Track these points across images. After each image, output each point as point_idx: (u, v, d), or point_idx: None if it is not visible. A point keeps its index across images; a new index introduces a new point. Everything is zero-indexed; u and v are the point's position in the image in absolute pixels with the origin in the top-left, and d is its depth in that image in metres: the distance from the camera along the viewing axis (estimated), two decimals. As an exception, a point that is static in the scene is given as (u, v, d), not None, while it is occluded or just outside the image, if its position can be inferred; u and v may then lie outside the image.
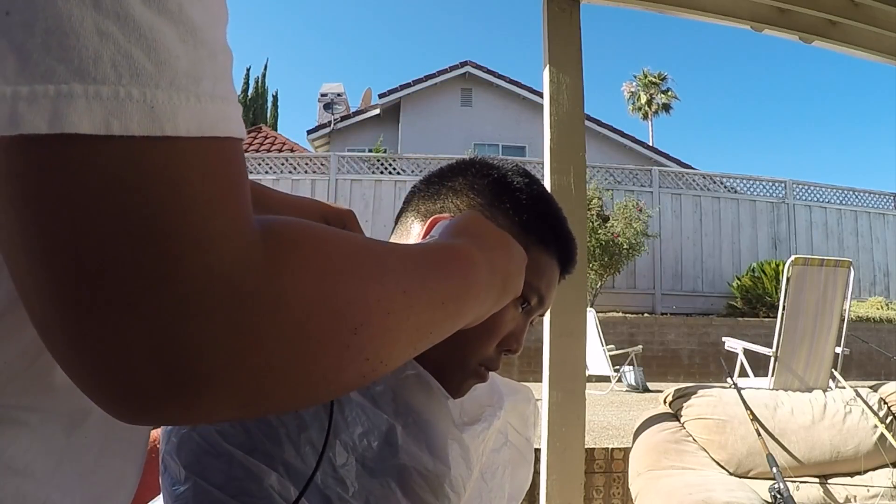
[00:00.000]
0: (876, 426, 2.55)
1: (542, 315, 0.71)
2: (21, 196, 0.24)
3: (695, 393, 2.59)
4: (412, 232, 0.67)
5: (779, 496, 2.11)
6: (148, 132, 0.24)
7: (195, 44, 0.26)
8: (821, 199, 10.77)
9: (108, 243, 0.24)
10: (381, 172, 10.38)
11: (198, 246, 0.25)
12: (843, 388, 2.88)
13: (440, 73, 15.17)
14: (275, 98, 23.35)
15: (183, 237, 0.25)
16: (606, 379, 6.48)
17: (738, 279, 9.55)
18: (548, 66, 2.11)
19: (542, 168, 2.11)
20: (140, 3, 0.24)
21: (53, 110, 0.23)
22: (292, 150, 13.36)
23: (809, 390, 2.82)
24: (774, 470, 2.21)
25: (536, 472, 1.99)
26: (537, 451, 1.85)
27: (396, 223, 0.71)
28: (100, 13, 0.23)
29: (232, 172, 0.28)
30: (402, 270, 0.37)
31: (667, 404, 2.63)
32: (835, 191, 10.88)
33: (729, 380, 2.78)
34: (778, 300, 3.79)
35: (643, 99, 22.55)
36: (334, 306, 0.30)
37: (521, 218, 0.66)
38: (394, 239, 0.70)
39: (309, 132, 15.57)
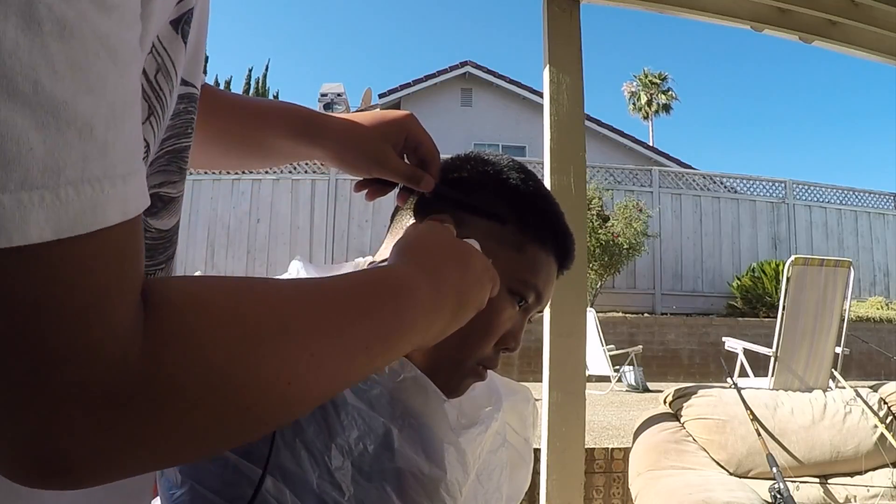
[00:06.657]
0: (876, 426, 2.54)
1: (541, 312, 0.71)
2: None
3: (695, 393, 2.59)
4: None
5: (779, 496, 2.11)
6: None
7: (58, 126, 0.23)
8: (821, 199, 10.77)
9: None
10: (381, 172, 10.36)
11: (67, 362, 0.24)
12: (843, 388, 2.88)
13: (440, 72, 15.16)
14: (276, 98, 23.43)
15: (50, 354, 0.23)
16: (606, 379, 6.48)
17: (738, 279, 9.54)
18: (548, 66, 2.11)
19: (542, 168, 2.10)
20: None
21: None
22: (292, 150, 13.38)
23: (809, 390, 2.82)
24: (774, 470, 2.20)
25: (536, 472, 1.99)
26: (537, 451, 1.84)
27: (392, 221, 0.71)
28: None
29: (108, 273, 0.25)
30: (313, 326, 0.33)
31: (667, 404, 2.63)
32: (835, 191, 10.88)
33: (729, 380, 2.78)
34: (778, 300, 3.78)
35: (643, 99, 22.55)
36: (223, 393, 0.28)
37: (516, 216, 0.65)
38: (390, 237, 0.69)
39: (309, 132, 15.56)
